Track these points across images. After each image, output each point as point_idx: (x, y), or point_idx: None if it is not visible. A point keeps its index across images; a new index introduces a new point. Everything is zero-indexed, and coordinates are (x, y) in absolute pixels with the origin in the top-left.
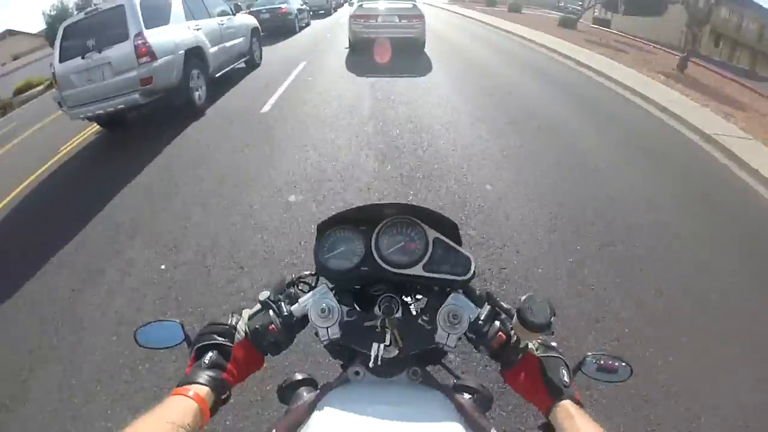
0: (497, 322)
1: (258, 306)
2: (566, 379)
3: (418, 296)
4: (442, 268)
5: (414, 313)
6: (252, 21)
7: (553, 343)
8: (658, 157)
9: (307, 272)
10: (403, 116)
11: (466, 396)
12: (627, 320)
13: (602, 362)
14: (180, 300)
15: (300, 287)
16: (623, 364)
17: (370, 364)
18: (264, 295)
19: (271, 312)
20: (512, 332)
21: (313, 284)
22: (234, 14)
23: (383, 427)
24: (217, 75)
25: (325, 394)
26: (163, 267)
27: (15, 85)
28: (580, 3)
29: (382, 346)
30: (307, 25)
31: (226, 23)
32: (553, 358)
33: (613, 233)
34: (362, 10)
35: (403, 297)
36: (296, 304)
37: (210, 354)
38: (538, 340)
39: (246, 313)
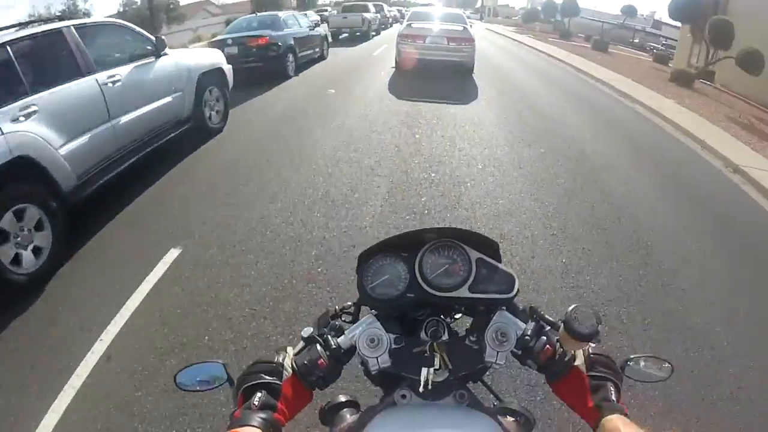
0: (543, 336)
1: (302, 343)
2: (613, 396)
3: (457, 316)
4: (488, 287)
5: (459, 333)
6: (203, 60)
7: (602, 348)
8: None
9: (349, 303)
10: None
11: (510, 419)
12: None
13: (643, 364)
14: None
15: (343, 319)
16: (664, 363)
17: (420, 389)
18: (307, 331)
19: (318, 347)
20: (558, 344)
21: (355, 315)
22: (158, 54)
23: None
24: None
25: (371, 418)
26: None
27: None
28: (664, 40)
29: (431, 370)
30: (321, 58)
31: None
32: (601, 377)
33: None
34: (411, 29)
35: (447, 318)
36: (342, 336)
37: (259, 394)
38: (589, 349)
39: (290, 350)
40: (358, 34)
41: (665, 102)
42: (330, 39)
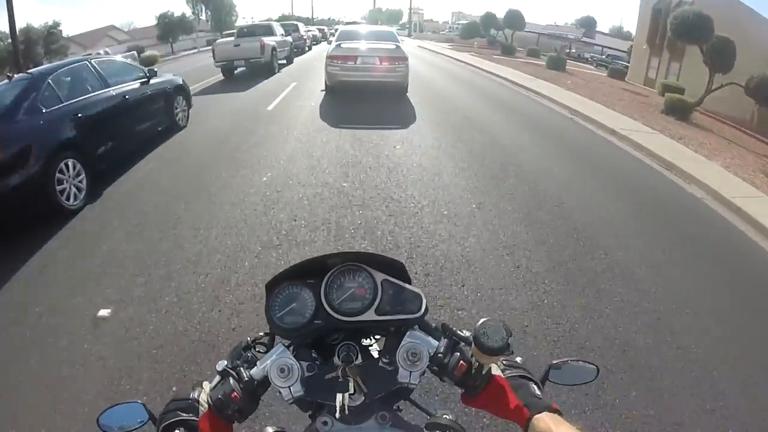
0: (457, 353)
1: (217, 377)
2: (537, 392)
3: (377, 336)
4: (395, 308)
5: (375, 355)
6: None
7: (518, 359)
8: None
9: (262, 333)
10: None
11: None
12: None
13: (568, 365)
14: None
15: (257, 349)
16: (589, 365)
17: (337, 415)
18: (222, 364)
19: (231, 380)
20: (473, 359)
21: (269, 344)
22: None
23: None
24: None
25: None
26: None
27: None
28: (600, 49)
29: (346, 395)
30: (175, 128)
31: None
32: (519, 377)
33: None
34: (340, 50)
35: (363, 340)
36: (255, 368)
37: (177, 431)
38: (502, 362)
39: (207, 385)
40: (255, 66)
41: (678, 149)
42: (185, 94)
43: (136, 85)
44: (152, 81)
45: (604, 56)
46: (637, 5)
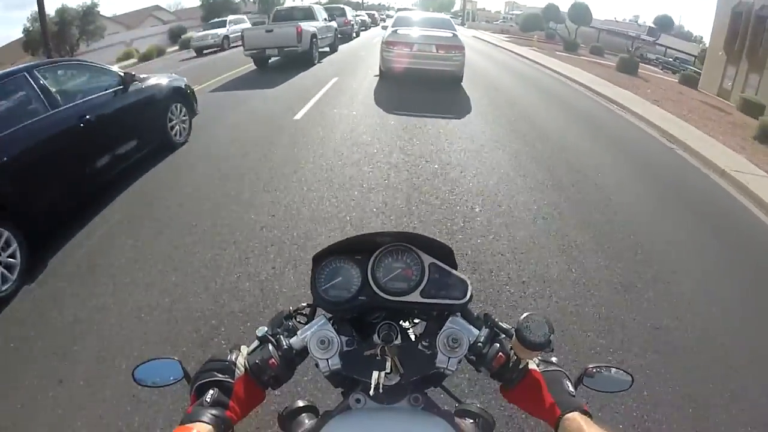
0: (496, 344)
1: (256, 342)
2: (571, 389)
3: (416, 320)
4: (440, 293)
5: (413, 338)
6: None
7: (554, 359)
8: None
9: (304, 304)
10: None
11: (468, 421)
12: None
13: (603, 373)
14: None
15: (298, 319)
16: (624, 373)
17: (371, 392)
18: (262, 330)
19: (270, 346)
20: (512, 352)
21: (310, 316)
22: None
23: None
24: None
25: (326, 422)
26: None
27: None
28: (664, 50)
29: (382, 373)
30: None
31: None
32: (555, 371)
33: None
34: (396, 36)
35: (402, 323)
36: (295, 337)
37: (211, 391)
38: (539, 358)
39: (245, 348)
40: (292, 56)
41: None
42: (186, 100)
43: (106, 97)
44: (133, 88)
45: (670, 58)
46: (713, 6)
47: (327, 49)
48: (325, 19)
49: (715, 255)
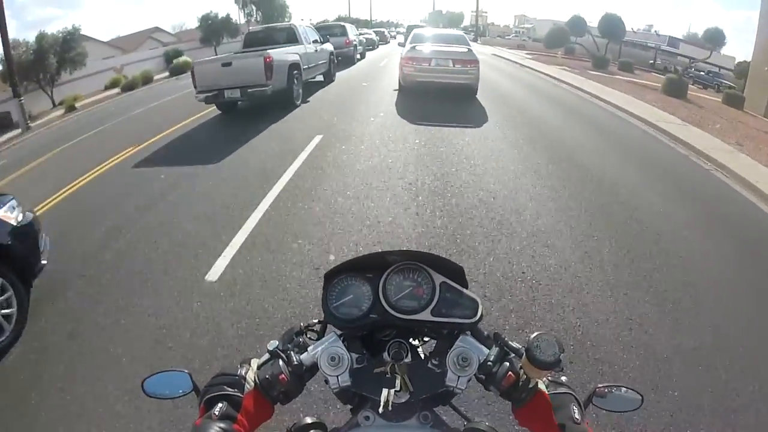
0: (506, 363)
1: (267, 356)
2: (577, 415)
3: (426, 339)
4: (450, 311)
5: (423, 356)
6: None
7: (563, 378)
8: None
9: (315, 320)
10: None
11: None
12: None
13: (613, 392)
14: None
15: (308, 335)
16: (634, 393)
17: (380, 410)
18: (273, 344)
19: (280, 361)
20: (521, 371)
21: (320, 332)
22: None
23: None
24: None
25: None
26: None
27: None
28: (690, 62)
29: (392, 391)
30: None
31: None
32: (564, 394)
33: None
34: (415, 52)
35: (412, 341)
36: (305, 353)
37: (220, 405)
38: (548, 378)
39: (255, 362)
40: (260, 98)
41: None
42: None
43: None
44: None
45: (702, 71)
46: (756, 17)
47: (321, 77)
48: (316, 41)
49: None
